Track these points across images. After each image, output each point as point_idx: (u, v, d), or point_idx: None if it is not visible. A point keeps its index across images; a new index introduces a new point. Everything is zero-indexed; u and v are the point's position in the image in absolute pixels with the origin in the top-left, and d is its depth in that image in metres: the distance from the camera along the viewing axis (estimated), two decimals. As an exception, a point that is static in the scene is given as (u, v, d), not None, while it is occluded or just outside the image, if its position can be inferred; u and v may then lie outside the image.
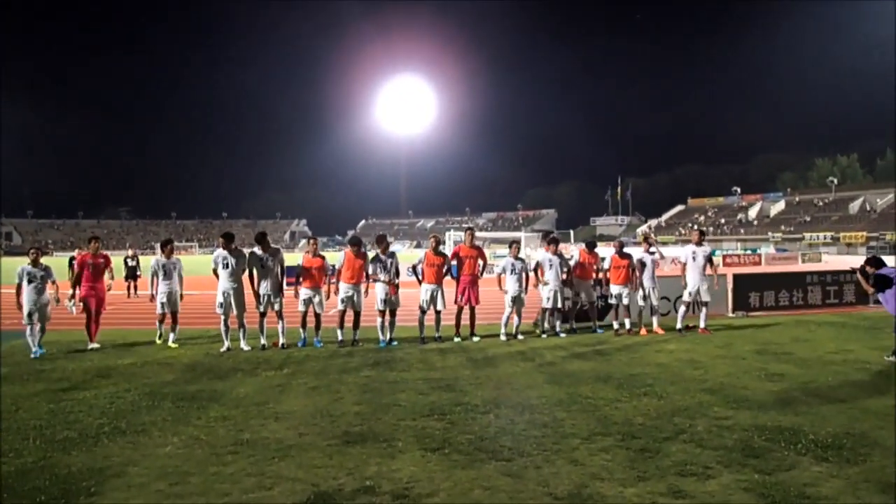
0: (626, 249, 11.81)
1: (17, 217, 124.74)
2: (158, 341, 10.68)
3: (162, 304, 10.53)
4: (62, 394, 7.14)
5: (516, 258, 11.14)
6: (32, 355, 9.50)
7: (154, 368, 8.62)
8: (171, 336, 10.52)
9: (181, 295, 10.90)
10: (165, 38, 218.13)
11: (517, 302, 10.94)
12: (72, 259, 19.16)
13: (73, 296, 10.84)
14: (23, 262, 10.07)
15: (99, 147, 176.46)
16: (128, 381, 7.78)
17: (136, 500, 4.10)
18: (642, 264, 11.49)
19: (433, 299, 10.65)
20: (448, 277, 10.89)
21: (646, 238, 12.35)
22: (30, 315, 9.71)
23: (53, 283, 10.03)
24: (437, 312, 10.75)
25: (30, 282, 9.75)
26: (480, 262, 11.14)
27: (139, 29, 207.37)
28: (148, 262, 11.38)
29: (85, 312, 10.53)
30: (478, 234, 12.58)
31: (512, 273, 10.99)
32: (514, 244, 11.52)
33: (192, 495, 4.16)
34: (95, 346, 10.28)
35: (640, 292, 11.54)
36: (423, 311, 10.73)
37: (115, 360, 9.15)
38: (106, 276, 10.76)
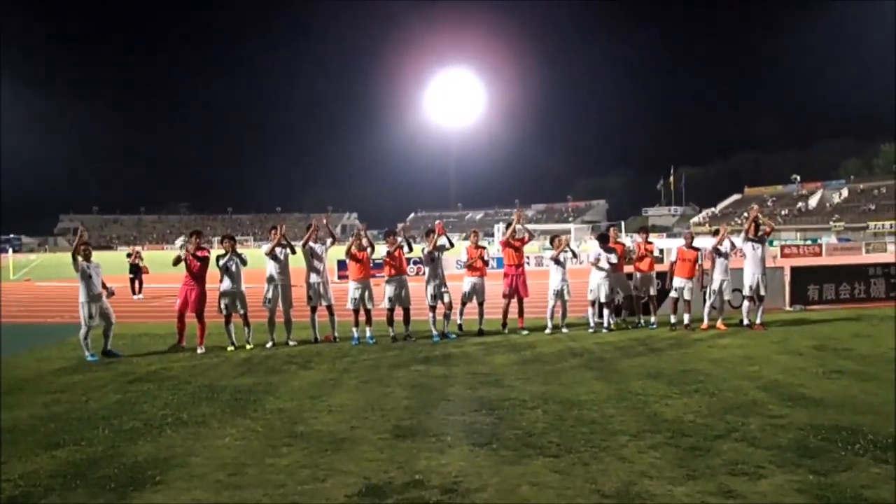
0: (695, 242, 11.50)
1: (83, 213, 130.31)
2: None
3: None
4: (128, 385, 7.50)
5: (563, 251, 11.04)
6: (89, 358, 9.07)
7: (213, 361, 8.94)
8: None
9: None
10: (219, 38, 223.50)
11: (560, 296, 10.89)
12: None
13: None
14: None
15: (160, 146, 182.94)
16: (188, 373, 8.11)
17: (196, 490, 4.29)
18: (718, 256, 11.07)
19: (475, 291, 10.76)
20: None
21: (717, 231, 11.73)
22: (91, 317, 9.18)
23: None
24: (480, 304, 10.82)
25: (88, 278, 9.21)
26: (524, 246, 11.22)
27: (196, 31, 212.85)
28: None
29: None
30: (527, 226, 12.55)
31: (557, 266, 10.93)
32: (559, 237, 11.38)
33: (249, 486, 4.33)
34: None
35: (709, 286, 11.10)
36: (464, 303, 10.79)
37: (176, 353, 9.54)
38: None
